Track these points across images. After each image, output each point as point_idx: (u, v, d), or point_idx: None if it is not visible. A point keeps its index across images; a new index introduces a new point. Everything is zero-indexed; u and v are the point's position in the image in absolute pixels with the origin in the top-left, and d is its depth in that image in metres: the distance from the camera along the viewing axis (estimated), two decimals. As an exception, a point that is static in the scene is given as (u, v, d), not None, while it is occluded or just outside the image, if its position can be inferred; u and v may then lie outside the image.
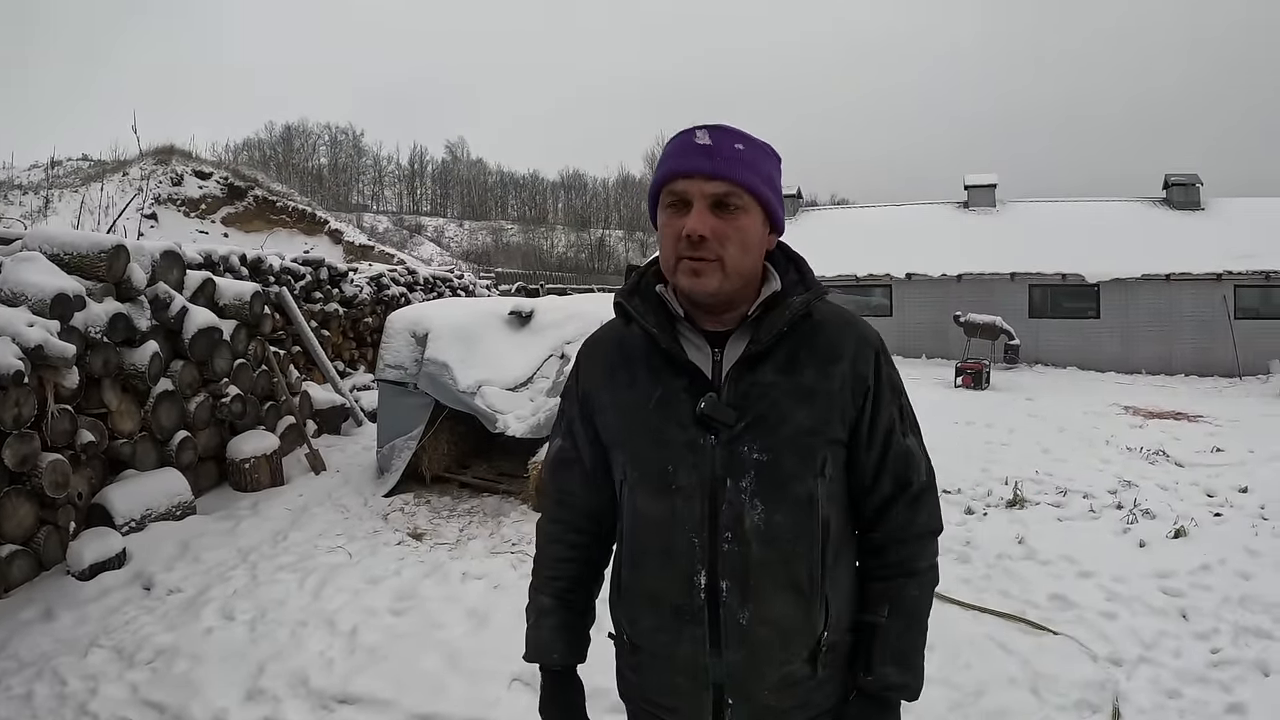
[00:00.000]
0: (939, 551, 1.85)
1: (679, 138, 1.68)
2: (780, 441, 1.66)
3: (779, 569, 1.67)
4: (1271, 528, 6.47)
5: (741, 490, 1.66)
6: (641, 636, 1.80)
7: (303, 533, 6.38)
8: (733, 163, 1.61)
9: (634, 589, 1.80)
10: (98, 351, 5.78)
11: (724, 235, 1.61)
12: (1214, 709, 3.93)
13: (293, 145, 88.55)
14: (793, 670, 1.71)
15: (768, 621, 1.67)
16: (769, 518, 1.66)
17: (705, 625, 1.68)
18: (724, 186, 1.60)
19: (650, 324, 1.72)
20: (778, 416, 1.66)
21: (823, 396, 1.68)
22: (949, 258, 23.94)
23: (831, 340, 1.72)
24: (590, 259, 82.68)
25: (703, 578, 1.67)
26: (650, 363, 1.75)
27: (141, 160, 33.66)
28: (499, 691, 4.05)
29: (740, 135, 1.67)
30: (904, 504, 1.78)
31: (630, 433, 1.77)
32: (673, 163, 1.64)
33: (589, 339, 1.96)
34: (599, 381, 1.85)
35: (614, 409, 1.80)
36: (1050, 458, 9.15)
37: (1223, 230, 23.73)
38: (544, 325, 7.82)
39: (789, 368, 1.69)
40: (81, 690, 4.09)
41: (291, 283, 10.73)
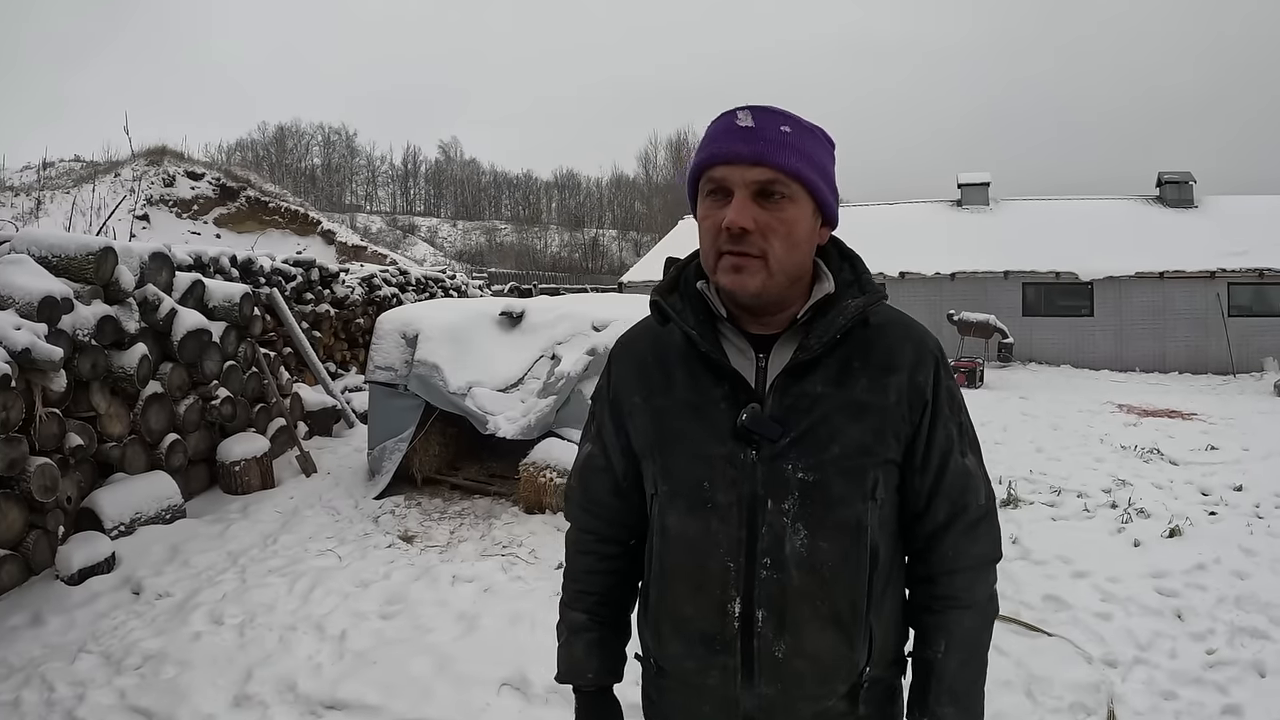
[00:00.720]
0: (997, 579, 1.70)
1: (720, 119, 1.52)
2: (828, 460, 1.51)
3: (820, 600, 1.52)
4: (1267, 526, 6.47)
5: (784, 512, 1.51)
6: (668, 661, 1.66)
7: (293, 535, 6.35)
8: (778, 146, 1.45)
9: (662, 612, 1.64)
10: (86, 354, 5.73)
11: (768, 228, 1.45)
12: (1210, 710, 3.91)
13: (285, 146, 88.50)
14: (830, 707, 1.57)
15: (805, 655, 1.53)
16: (812, 544, 1.51)
17: (738, 656, 1.54)
18: (768, 173, 1.44)
19: (689, 324, 1.57)
20: (827, 433, 1.52)
21: (876, 411, 1.53)
22: (942, 256, 24.00)
23: (889, 349, 1.57)
24: (584, 259, 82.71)
25: (737, 605, 1.53)
26: (688, 366, 1.61)
27: (133, 161, 33.64)
28: (488, 696, 4.02)
29: (787, 116, 1.50)
30: (960, 530, 1.63)
31: (663, 442, 1.61)
32: (712, 146, 1.48)
33: (622, 337, 1.80)
34: (632, 384, 1.69)
35: (646, 415, 1.65)
36: (1044, 456, 9.16)
37: (1216, 228, 23.81)
38: (535, 326, 7.79)
39: (841, 379, 1.54)
40: (69, 696, 4.04)
41: (282, 284, 10.68)
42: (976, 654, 1.65)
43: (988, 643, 1.68)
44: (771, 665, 1.53)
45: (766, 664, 1.53)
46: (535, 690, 4.06)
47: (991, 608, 1.68)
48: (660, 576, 1.64)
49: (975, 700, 1.65)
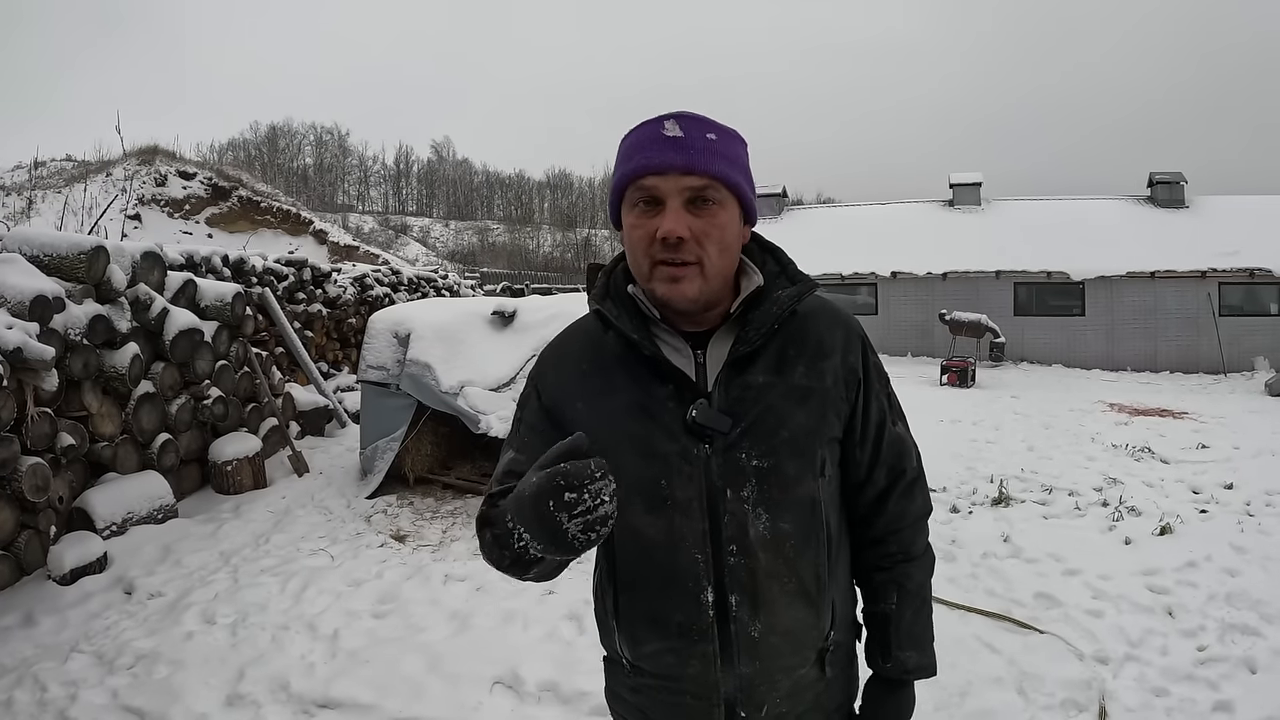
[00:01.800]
0: (929, 531, 1.83)
1: (644, 128, 1.54)
2: (779, 445, 1.57)
3: (787, 577, 1.58)
4: (1257, 524, 6.48)
5: (743, 500, 1.56)
6: (645, 660, 1.67)
7: (285, 535, 6.35)
8: (708, 154, 1.49)
9: (634, 612, 1.66)
10: (78, 354, 5.72)
11: (703, 234, 1.48)
12: (1201, 707, 3.92)
13: (278, 145, 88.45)
14: (803, 674, 1.65)
15: (779, 630, 1.59)
16: (774, 525, 1.57)
17: (716, 641, 1.58)
18: (700, 181, 1.47)
19: (628, 329, 1.59)
20: (775, 419, 1.57)
21: (818, 395, 1.60)
22: (934, 256, 23.99)
23: (820, 335, 1.64)
24: (576, 258, 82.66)
25: (710, 594, 1.57)
26: (629, 369, 1.62)
27: (125, 160, 33.44)
28: (480, 695, 4.03)
29: (710, 123, 1.54)
30: (899, 493, 1.74)
31: (614, 445, 1.57)
32: (641, 156, 1.50)
33: (551, 346, 1.82)
34: (570, 390, 1.70)
35: (590, 420, 1.62)
36: (1036, 455, 9.17)
37: (1207, 228, 23.82)
38: (527, 325, 7.79)
39: (780, 367, 1.60)
40: (62, 696, 4.05)
41: (274, 283, 10.68)
42: (925, 601, 1.80)
43: (930, 589, 1.83)
44: (749, 645, 1.58)
45: (745, 645, 1.58)
46: (528, 688, 4.07)
47: (929, 557, 1.82)
48: (629, 578, 1.65)
49: (928, 642, 1.80)
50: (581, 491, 1.20)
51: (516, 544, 1.34)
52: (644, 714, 1.75)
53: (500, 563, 1.53)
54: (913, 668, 1.76)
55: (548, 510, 1.22)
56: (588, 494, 1.20)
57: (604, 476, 1.22)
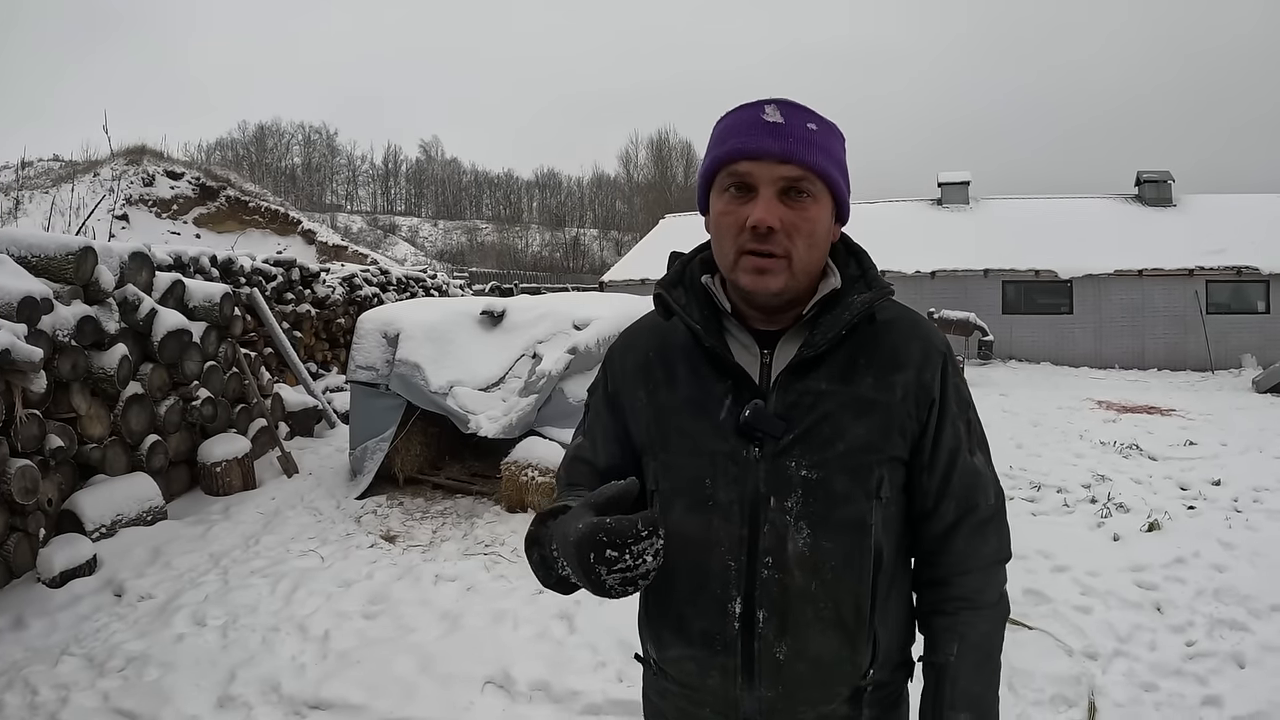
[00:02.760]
0: (1007, 579, 1.67)
1: (742, 112, 1.49)
2: (832, 458, 1.48)
3: (823, 601, 1.49)
4: (1245, 520, 6.51)
5: (786, 510, 1.48)
6: (670, 663, 1.62)
7: (275, 536, 6.34)
8: (806, 144, 1.43)
9: (662, 612, 1.61)
10: (66, 355, 5.70)
11: (793, 227, 1.43)
12: (1190, 701, 3.94)
13: (265, 145, 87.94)
14: (831, 711, 1.54)
15: (807, 658, 1.50)
16: (815, 543, 1.48)
17: (738, 656, 1.51)
18: (796, 171, 1.42)
19: (694, 319, 1.54)
20: (831, 430, 1.49)
21: (882, 409, 1.51)
22: (922, 255, 24.03)
23: (895, 346, 1.55)
24: (565, 258, 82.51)
25: (738, 605, 1.50)
26: (692, 363, 1.58)
27: (113, 160, 33.30)
28: (472, 695, 4.03)
29: (811, 113, 1.48)
30: (969, 530, 1.60)
31: (666, 439, 1.58)
32: (737, 140, 1.44)
33: (623, 334, 1.76)
34: (633, 380, 1.66)
35: (650, 412, 1.61)
36: (1024, 453, 9.19)
37: (1194, 226, 23.93)
38: (516, 325, 7.78)
39: (846, 375, 1.51)
40: (53, 699, 4.03)
41: (263, 284, 10.64)
42: (990, 656, 1.61)
43: (1000, 645, 1.63)
44: (772, 667, 1.50)
45: (767, 666, 1.51)
46: (519, 688, 4.07)
47: (1002, 607, 1.64)
48: (660, 574, 1.48)
49: (991, 705, 1.60)
50: (624, 551, 1.22)
51: (560, 571, 1.38)
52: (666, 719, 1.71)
53: (546, 581, 1.51)
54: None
55: (589, 562, 1.23)
56: (629, 554, 1.22)
57: (650, 536, 1.24)
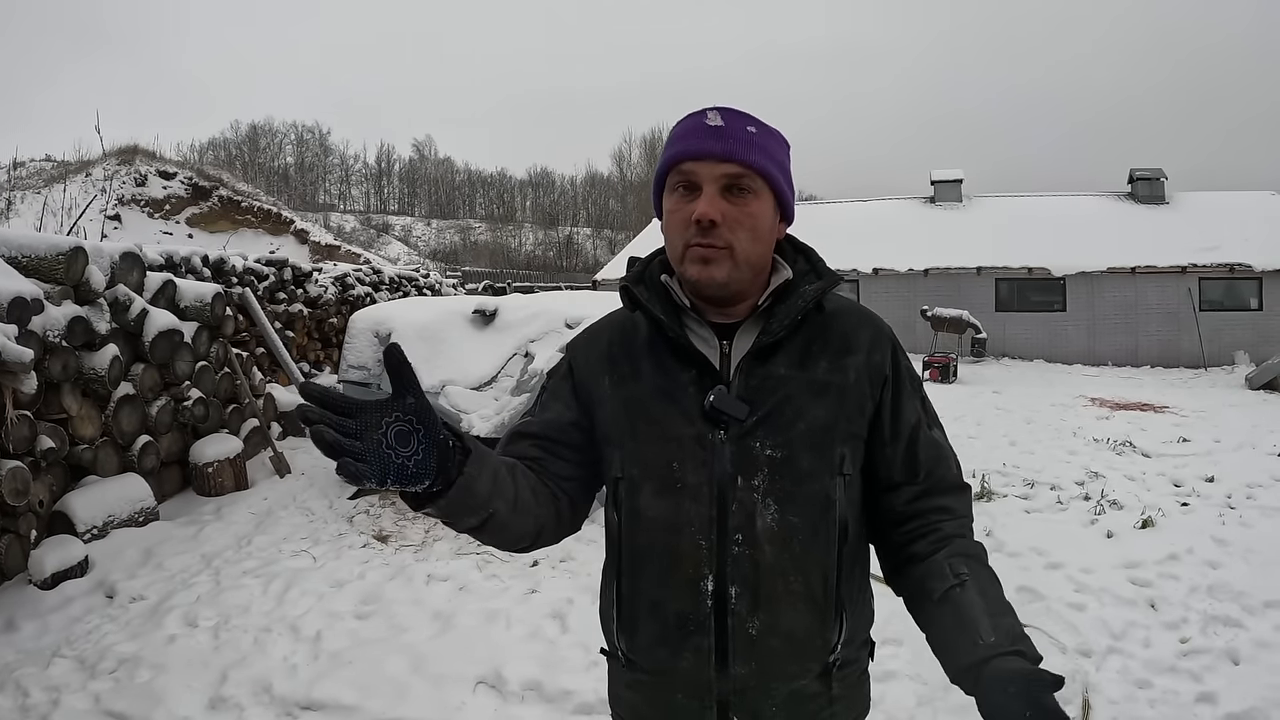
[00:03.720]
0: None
1: (688, 119, 1.59)
2: (795, 437, 1.55)
3: (792, 574, 1.54)
4: (1238, 516, 6.52)
5: (754, 489, 1.54)
6: (640, 652, 1.64)
7: (267, 537, 6.32)
8: (745, 144, 1.53)
9: (633, 598, 1.63)
10: (57, 356, 5.68)
11: (735, 221, 1.52)
12: (1184, 698, 3.94)
13: (258, 144, 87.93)
14: (804, 686, 1.59)
15: (779, 632, 1.54)
16: (783, 518, 1.54)
17: (711, 635, 1.54)
18: (736, 169, 1.51)
19: (656, 310, 1.61)
20: (792, 411, 1.56)
21: (837, 390, 1.59)
22: (916, 253, 24.11)
23: (845, 332, 1.64)
24: (558, 257, 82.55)
25: (710, 583, 1.54)
26: (656, 355, 1.64)
27: (105, 160, 33.28)
28: (464, 695, 4.02)
29: (751, 118, 1.58)
30: (942, 491, 1.63)
31: (632, 427, 1.63)
32: (681, 144, 1.55)
33: (586, 330, 1.84)
34: (598, 370, 1.71)
35: (616, 402, 1.66)
36: (1018, 450, 9.20)
37: (1187, 224, 24.05)
38: (508, 324, 7.76)
39: (802, 360, 1.60)
40: (44, 702, 4.01)
41: (255, 283, 10.62)
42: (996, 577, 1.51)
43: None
44: (746, 644, 1.54)
45: (741, 643, 1.54)
46: (511, 688, 4.06)
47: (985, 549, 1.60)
48: (631, 561, 1.63)
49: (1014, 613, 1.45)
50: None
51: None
52: (637, 713, 1.72)
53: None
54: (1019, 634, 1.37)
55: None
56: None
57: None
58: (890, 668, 3.96)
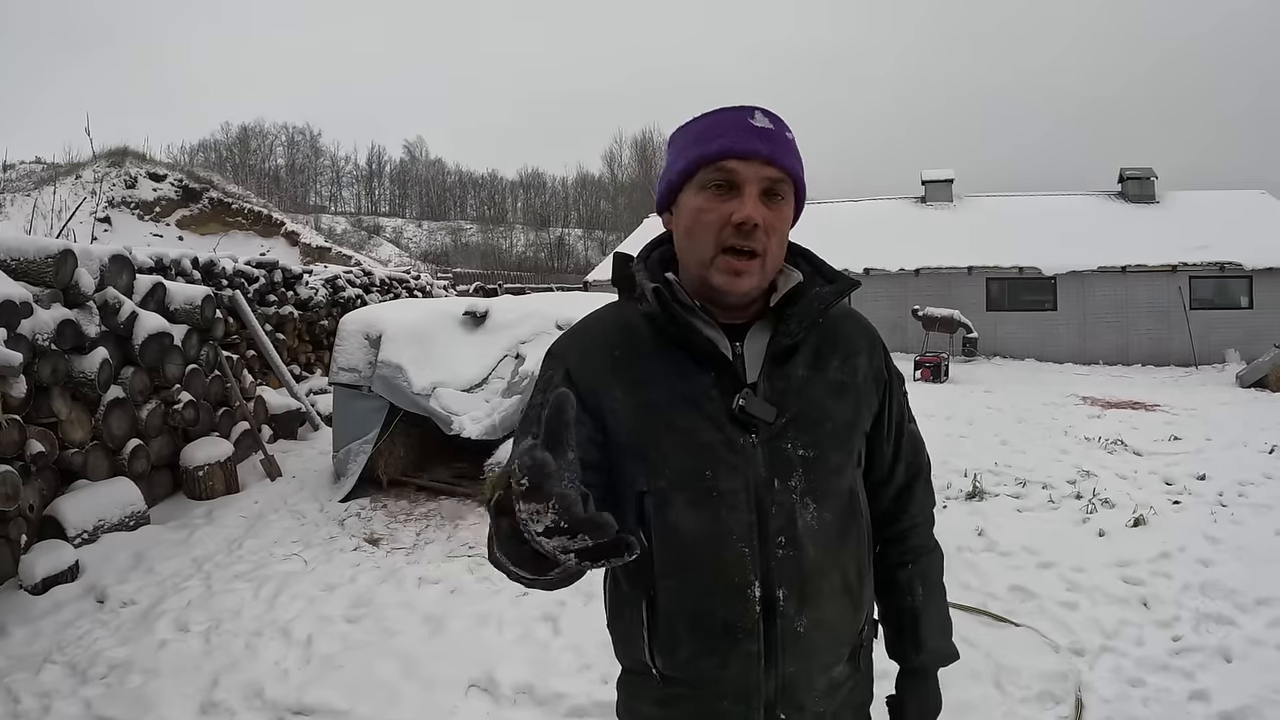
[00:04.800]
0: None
1: (729, 115, 1.55)
2: (824, 436, 1.59)
3: (833, 569, 1.59)
4: (1230, 514, 6.53)
5: (791, 490, 1.55)
6: (679, 667, 1.60)
7: (258, 540, 6.30)
8: (787, 150, 1.54)
9: (672, 613, 1.58)
10: (46, 359, 5.66)
11: (771, 227, 1.52)
12: (1177, 696, 3.94)
13: (249, 146, 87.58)
14: (839, 672, 1.65)
15: (824, 626, 1.58)
16: (821, 515, 1.57)
17: (760, 640, 1.54)
18: (778, 173, 1.52)
19: (679, 311, 1.56)
20: (819, 411, 1.59)
21: (852, 390, 1.64)
22: (907, 252, 24.17)
23: (848, 335, 1.69)
24: (550, 258, 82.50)
25: (757, 589, 1.53)
26: (667, 358, 1.59)
27: (95, 163, 33.16)
28: (456, 698, 4.01)
29: (786, 124, 1.59)
30: (920, 487, 1.83)
31: (654, 436, 1.57)
32: (726, 140, 1.51)
33: (569, 332, 1.75)
34: (606, 379, 1.62)
35: (633, 411, 1.59)
36: (1009, 449, 9.20)
37: (1177, 222, 24.15)
38: (499, 325, 7.75)
39: (817, 362, 1.62)
40: (35, 708, 4.00)
41: (245, 286, 10.59)
42: (942, 589, 1.88)
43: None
44: (794, 641, 1.56)
45: (789, 641, 1.56)
46: (503, 691, 4.05)
47: (940, 550, 1.91)
48: (669, 575, 1.58)
49: (950, 628, 1.88)
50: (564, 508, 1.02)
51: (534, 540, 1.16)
52: None
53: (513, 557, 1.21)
54: (945, 656, 1.84)
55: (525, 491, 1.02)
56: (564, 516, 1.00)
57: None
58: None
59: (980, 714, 3.81)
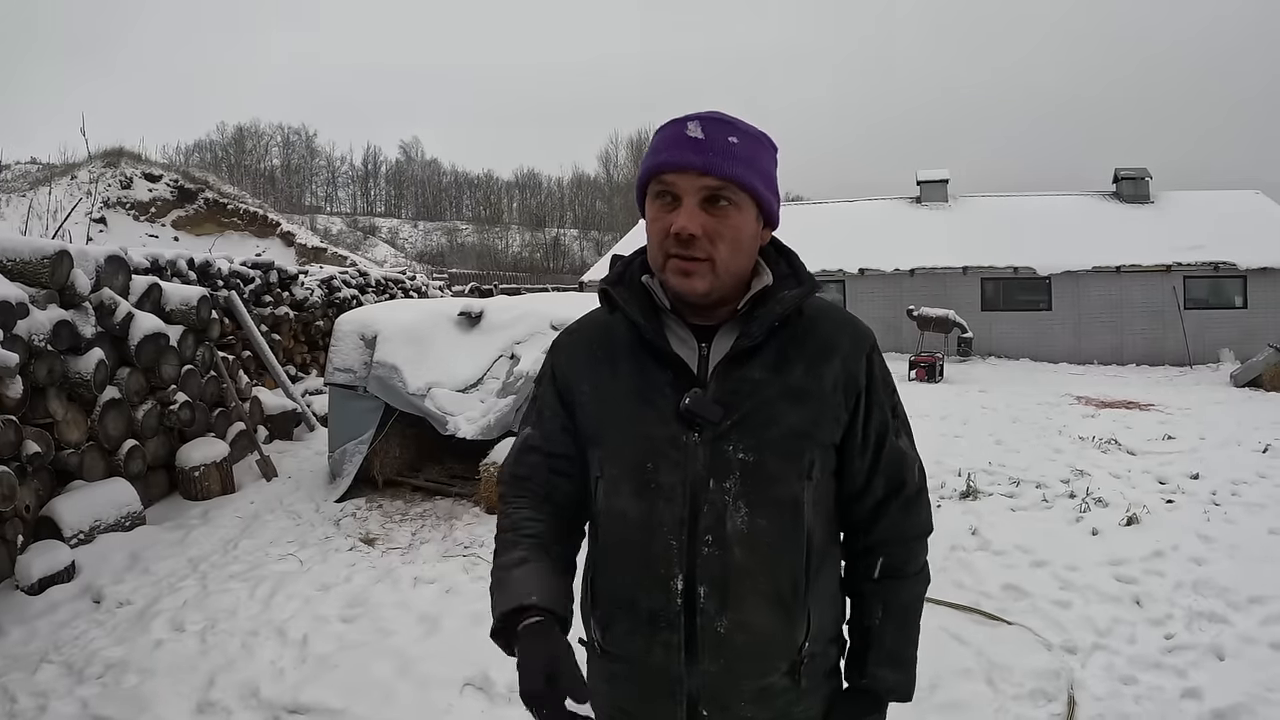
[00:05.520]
0: (928, 551, 1.82)
1: (669, 128, 1.58)
2: (767, 442, 1.58)
3: (760, 576, 1.58)
4: (1223, 513, 6.54)
5: (725, 491, 1.57)
6: (613, 643, 1.69)
7: (254, 540, 6.31)
8: (726, 157, 1.52)
9: (607, 592, 1.68)
10: (42, 360, 5.67)
11: (715, 234, 1.52)
12: (1169, 694, 3.96)
13: (244, 146, 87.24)
14: (773, 682, 1.63)
15: (746, 630, 1.58)
16: (752, 521, 1.57)
17: (681, 632, 1.58)
18: (716, 182, 1.51)
19: (635, 314, 1.63)
20: (767, 416, 1.59)
21: (814, 397, 1.61)
22: (902, 252, 24.16)
23: (823, 338, 1.66)
24: (545, 258, 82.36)
25: (680, 582, 1.57)
26: (635, 357, 1.66)
27: (90, 163, 33.17)
28: (450, 697, 4.02)
29: (734, 126, 1.57)
30: (897, 507, 1.73)
31: (608, 426, 1.67)
32: (662, 155, 1.54)
33: (568, 328, 1.85)
34: (580, 372, 1.74)
35: (593, 401, 1.70)
36: (1003, 448, 9.21)
37: (1171, 222, 24.15)
38: (494, 326, 7.76)
39: (779, 365, 1.61)
40: (32, 707, 4.01)
41: (241, 286, 10.60)
42: (912, 620, 1.79)
43: (920, 610, 1.81)
44: (714, 642, 1.58)
45: (709, 640, 1.58)
46: (498, 690, 4.06)
47: (924, 577, 1.81)
48: (605, 557, 1.69)
49: (910, 663, 1.78)
50: None
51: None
52: (616, 705, 1.74)
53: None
54: (887, 688, 1.75)
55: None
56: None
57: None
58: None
59: (973, 711, 3.82)
